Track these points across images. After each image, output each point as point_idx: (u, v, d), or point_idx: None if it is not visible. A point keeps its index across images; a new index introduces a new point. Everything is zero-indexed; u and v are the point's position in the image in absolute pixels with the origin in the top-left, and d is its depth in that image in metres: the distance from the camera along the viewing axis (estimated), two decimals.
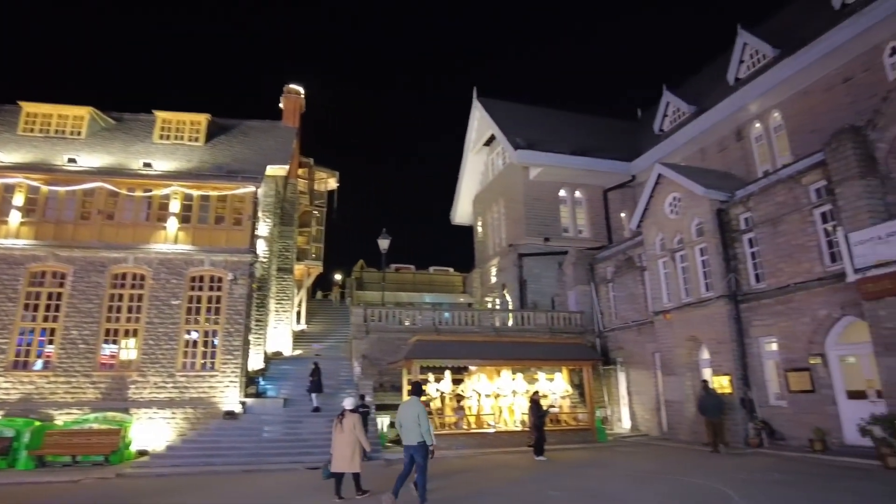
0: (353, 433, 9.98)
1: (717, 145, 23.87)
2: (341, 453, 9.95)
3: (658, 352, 19.68)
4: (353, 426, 10.04)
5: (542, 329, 22.29)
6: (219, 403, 17.64)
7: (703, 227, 17.75)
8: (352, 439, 9.96)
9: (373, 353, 20.58)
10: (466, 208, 35.43)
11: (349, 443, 9.93)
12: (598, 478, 11.91)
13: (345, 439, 9.96)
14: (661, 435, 19.30)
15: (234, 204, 19.92)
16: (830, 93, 18.99)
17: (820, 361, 14.20)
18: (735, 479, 10.88)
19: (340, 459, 9.95)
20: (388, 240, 23.65)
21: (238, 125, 24.99)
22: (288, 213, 25.74)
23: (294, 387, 19.76)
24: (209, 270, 18.94)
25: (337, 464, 9.97)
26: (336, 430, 10.14)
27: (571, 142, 28.32)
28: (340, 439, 10.00)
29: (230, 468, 14.48)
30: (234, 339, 18.34)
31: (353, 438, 9.97)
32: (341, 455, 9.95)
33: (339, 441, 10.00)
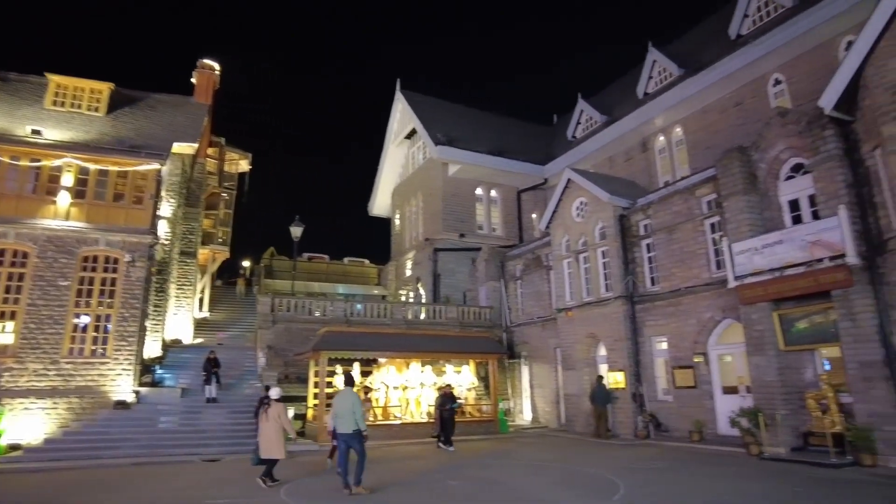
0: (278, 421, 10.44)
1: (624, 155, 25.31)
2: (268, 440, 10.37)
3: (559, 347, 20.65)
4: (278, 414, 10.50)
5: (453, 323, 22.72)
6: (109, 392, 16.53)
7: (605, 231, 18.79)
8: (277, 426, 10.42)
9: (279, 344, 20.09)
10: (385, 200, 35.28)
11: (275, 430, 10.39)
12: (497, 467, 12.38)
13: (271, 427, 10.40)
14: (560, 427, 20.31)
15: (135, 181, 18.66)
16: (724, 114, 20.70)
17: (702, 360, 15.54)
18: (621, 466, 11.74)
19: (267, 446, 10.36)
20: (302, 227, 23.12)
21: (145, 98, 23.38)
22: (194, 193, 24.48)
23: (194, 376, 18.90)
24: (104, 251, 17.66)
25: (265, 450, 10.40)
26: (262, 418, 10.56)
27: (490, 142, 28.98)
28: (266, 427, 10.42)
29: (119, 461, 13.69)
30: (130, 325, 17.24)
31: (278, 426, 10.43)
32: (268, 442, 10.36)
33: (266, 429, 10.43)
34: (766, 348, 13.26)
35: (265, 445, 10.39)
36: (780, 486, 9.47)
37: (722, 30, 21.66)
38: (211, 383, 17.60)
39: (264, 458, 10.46)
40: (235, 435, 16.02)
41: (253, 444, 14.91)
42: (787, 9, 18.85)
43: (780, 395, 12.82)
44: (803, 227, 12.81)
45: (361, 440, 9.61)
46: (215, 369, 17.78)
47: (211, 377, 17.61)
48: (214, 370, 17.73)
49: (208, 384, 17.60)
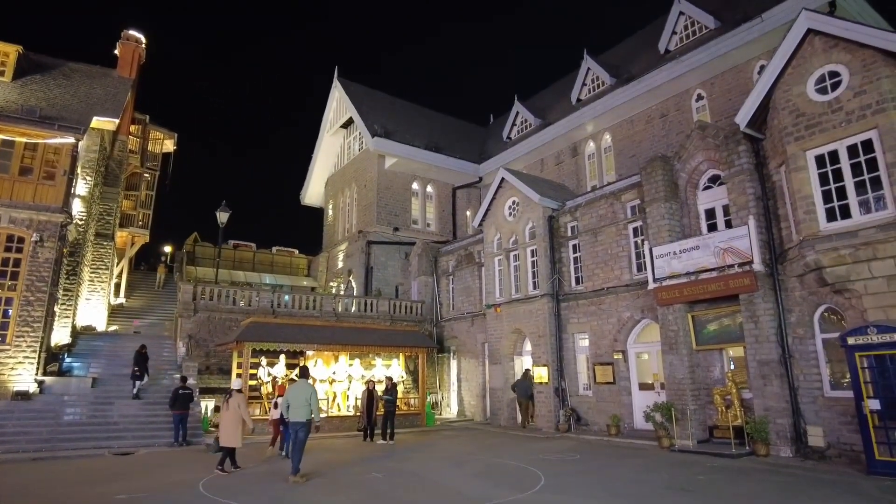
0: (237, 411, 10.92)
1: (555, 158, 26.11)
2: (227, 429, 10.80)
3: (487, 342, 21.08)
4: (238, 405, 10.95)
5: (384, 316, 22.68)
6: (8, 382, 15.31)
7: (535, 230, 19.34)
8: (237, 417, 10.89)
9: (200, 334, 19.34)
10: (318, 190, 34.62)
11: (234, 420, 10.84)
12: (420, 460, 12.52)
13: (231, 416, 10.86)
14: (485, 420, 20.76)
15: (46, 155, 17.33)
16: (650, 124, 21.80)
17: (621, 357, 16.34)
18: (542, 459, 12.18)
19: (226, 435, 10.80)
20: (228, 213, 22.28)
21: (59, 65, 21.74)
22: (113, 172, 23.07)
23: (107, 365, 17.85)
24: (7, 228, 16.28)
25: (224, 439, 10.82)
26: (223, 408, 11.10)
27: (427, 137, 29.08)
28: (227, 417, 10.89)
29: (15, 456, 12.72)
30: (35, 310, 16.02)
31: (238, 416, 10.90)
32: (226, 431, 10.80)
33: (226, 418, 10.89)
34: (679, 347, 14.13)
35: (224, 434, 10.82)
36: (684, 475, 10.17)
37: (652, 43, 22.78)
38: (143, 378, 16.62)
39: (223, 446, 10.88)
40: (150, 427, 15.34)
41: (169, 437, 14.51)
42: (710, 30, 20.09)
43: (690, 392, 13.71)
44: (717, 234, 13.73)
45: (309, 430, 10.08)
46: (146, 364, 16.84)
47: (143, 373, 16.64)
48: (145, 365, 16.79)
49: (139, 379, 16.55)
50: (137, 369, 16.60)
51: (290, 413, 10.04)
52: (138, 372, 16.59)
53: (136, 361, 16.69)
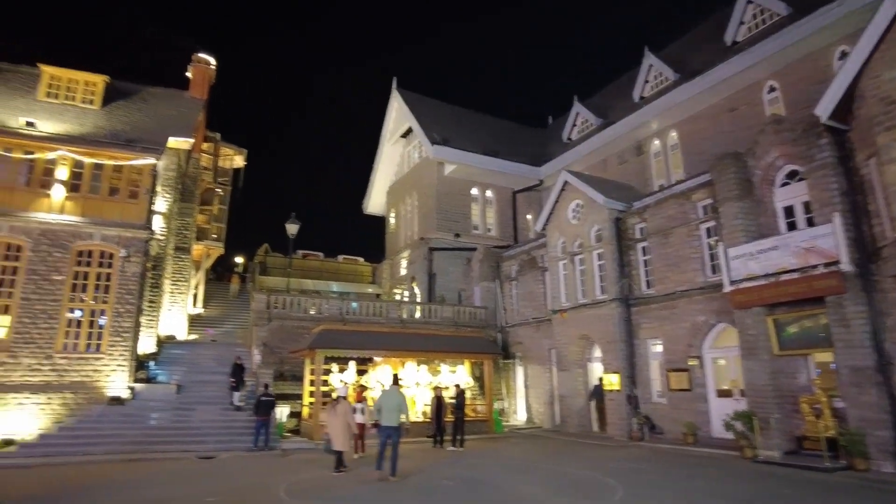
0: (345, 417, 11.53)
1: (618, 157, 25.50)
2: (336, 433, 11.45)
3: (554, 348, 20.79)
4: (345, 411, 11.61)
5: (448, 322, 22.78)
6: (104, 388, 16.43)
7: (601, 233, 18.94)
8: (344, 422, 11.50)
9: (273, 341, 20.03)
10: (380, 199, 35.25)
11: (342, 425, 11.47)
12: (490, 467, 12.45)
13: (339, 422, 11.47)
14: (553, 427, 20.46)
15: (130, 175, 18.54)
16: (719, 119, 20.93)
17: (697, 363, 15.72)
18: (613, 467, 11.87)
19: (337, 438, 11.44)
20: (298, 225, 23.05)
21: (139, 91, 23.19)
22: (189, 189, 24.35)
23: (187, 372, 18.83)
24: (99, 245, 17.53)
25: (336, 442, 11.48)
26: (331, 414, 11.72)
27: (485, 142, 29.07)
28: (335, 422, 11.50)
29: (111, 457, 13.60)
30: (125, 321, 17.13)
31: (345, 421, 11.52)
32: (336, 435, 11.44)
33: (334, 424, 11.51)
34: (759, 352, 13.45)
35: (334, 438, 11.52)
36: (771, 488, 9.66)
37: (717, 35, 21.89)
38: (239, 390, 17.22)
39: (335, 448, 11.55)
40: (229, 432, 16.00)
41: (246, 441, 15.08)
42: (782, 17, 19.10)
43: (773, 399, 13.01)
44: (798, 233, 13.00)
45: (400, 434, 10.85)
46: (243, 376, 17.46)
47: (239, 383, 17.24)
48: (242, 377, 17.41)
49: (236, 391, 17.19)
50: (234, 380, 17.24)
51: (382, 418, 10.77)
52: (234, 383, 17.23)
53: (234, 373, 17.38)
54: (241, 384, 17.34)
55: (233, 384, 17.23)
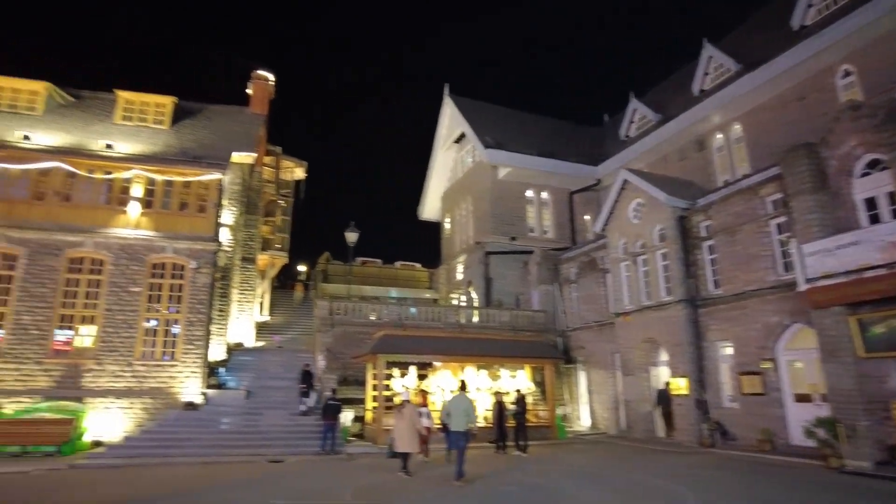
0: (411, 420, 11.89)
1: (678, 153, 24.67)
2: (402, 437, 11.76)
3: (617, 352, 20.26)
4: (411, 415, 11.98)
5: (506, 327, 22.62)
6: (178, 394, 17.27)
7: (664, 233, 18.34)
8: (410, 425, 11.84)
9: (336, 347, 20.46)
10: (435, 204, 35.52)
11: (408, 428, 11.79)
12: (555, 474, 12.23)
13: (405, 425, 11.80)
14: (619, 433, 19.92)
15: (198, 190, 19.47)
16: (786, 109, 19.89)
17: (771, 366, 14.92)
18: (685, 475, 11.42)
19: (402, 441, 11.75)
20: (357, 233, 23.51)
21: (203, 109, 24.34)
22: (253, 201, 25.29)
23: (255, 378, 19.52)
24: (171, 258, 18.48)
25: (400, 445, 11.79)
26: (397, 418, 12.09)
27: (539, 144, 28.78)
28: (401, 425, 11.84)
29: (188, 460, 14.22)
30: (196, 329, 17.97)
31: (411, 424, 11.86)
32: (402, 438, 11.75)
33: (400, 427, 11.85)
34: (841, 355, 12.63)
35: (401, 441, 11.79)
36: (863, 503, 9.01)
37: (781, 21, 20.84)
38: (308, 395, 17.65)
39: (398, 451, 11.86)
40: (296, 436, 16.41)
41: (313, 446, 15.43)
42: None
43: (860, 405, 12.15)
44: (883, 226, 12.13)
45: (468, 439, 11.11)
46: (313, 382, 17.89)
47: (309, 389, 17.70)
48: (312, 383, 17.85)
49: (305, 396, 17.65)
50: (304, 386, 17.70)
51: (450, 422, 11.12)
52: (304, 388, 17.68)
53: (303, 378, 17.86)
54: (311, 390, 17.77)
55: (303, 389, 17.69)
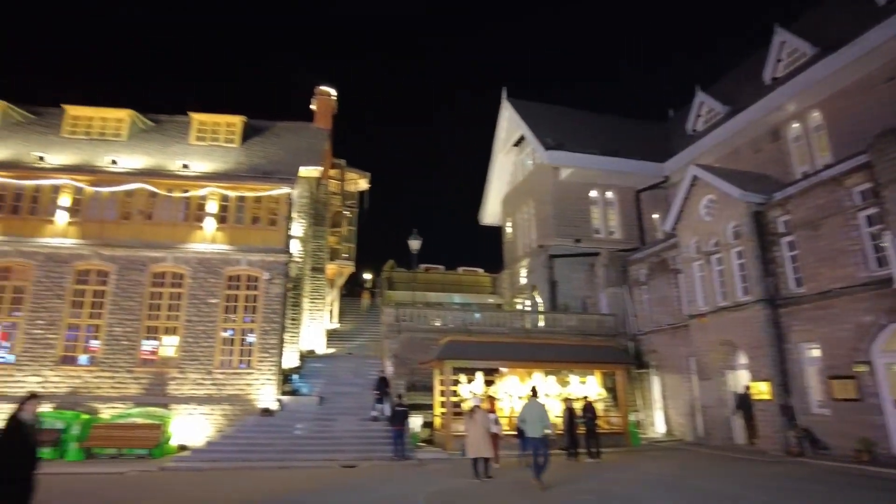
0: (483, 426, 12.03)
1: (751, 146, 23.46)
2: (474, 442, 11.91)
3: (693, 356, 19.44)
4: (483, 420, 12.12)
5: (574, 331, 22.19)
6: (255, 400, 18.00)
7: (739, 229, 17.48)
8: (482, 430, 11.98)
9: (404, 353, 20.71)
10: (495, 209, 35.40)
11: (481, 433, 11.93)
12: (631, 482, 11.83)
13: (477, 430, 11.96)
14: (696, 440, 19.07)
15: (269, 204, 20.29)
16: (872, 92, 18.51)
17: (866, 369, 13.85)
18: (773, 487, 10.75)
19: (474, 446, 11.90)
20: (420, 240, 23.79)
21: (271, 126, 25.35)
22: (320, 213, 26.06)
23: (326, 384, 20.04)
24: (246, 270, 19.33)
25: (471, 450, 11.96)
26: (469, 423, 12.27)
27: (601, 143, 28.13)
28: (473, 430, 11.99)
29: (265, 464, 14.75)
30: (271, 338, 18.70)
31: (483, 430, 12.00)
32: (474, 443, 11.90)
33: (473, 432, 12.00)
34: None
35: (472, 446, 11.93)
36: None
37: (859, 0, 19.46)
38: (383, 402, 17.80)
39: (472, 456, 12.03)
40: (367, 441, 16.70)
41: (384, 451, 15.65)
42: None
43: None
44: None
45: (547, 444, 11.26)
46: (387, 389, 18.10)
47: (383, 397, 17.86)
48: (387, 389, 18.07)
49: (380, 402, 17.81)
50: (379, 392, 17.93)
51: (527, 429, 11.35)
52: (379, 395, 17.88)
53: (378, 385, 18.11)
54: (386, 396, 17.97)
55: (378, 396, 17.93)
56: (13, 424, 6.39)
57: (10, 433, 6.34)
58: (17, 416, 6.46)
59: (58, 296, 18.29)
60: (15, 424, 6.40)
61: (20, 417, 6.47)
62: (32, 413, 6.62)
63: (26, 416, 6.52)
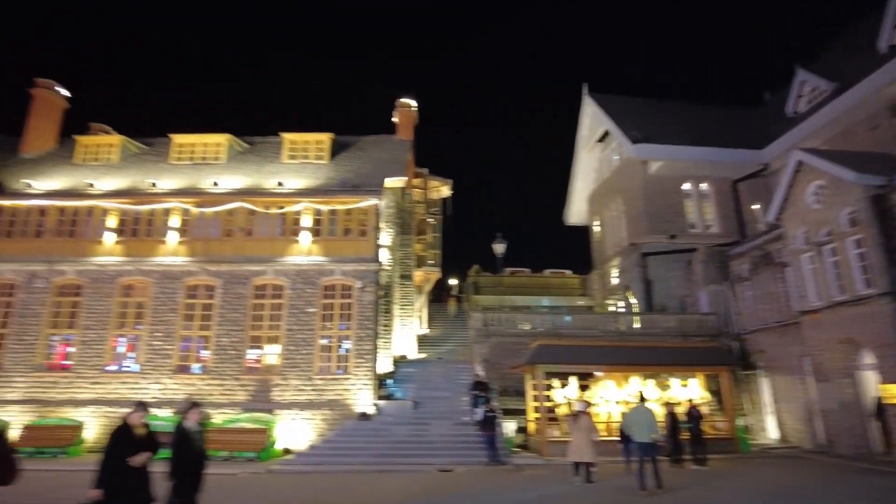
0: (587, 430, 12.16)
1: (866, 123, 21.34)
2: (577, 446, 12.03)
3: (807, 355, 17.92)
4: (588, 425, 12.24)
5: (672, 332, 21.12)
6: (352, 405, 18.59)
7: (856, 216, 15.95)
8: (586, 435, 12.07)
9: (493, 358, 20.61)
10: (581, 207, 34.57)
11: (584, 438, 12.02)
12: (743, 493, 11.05)
13: (581, 435, 12.07)
14: (816, 447, 17.52)
15: (358, 216, 20.97)
16: None
17: None
18: None
19: (577, 451, 12.05)
20: (504, 244, 23.68)
21: (356, 141, 26.18)
22: (406, 222, 26.59)
23: (419, 389, 20.32)
24: (340, 279, 20.09)
25: (574, 454, 12.12)
26: (572, 427, 12.43)
27: (692, 133, 26.71)
28: (577, 435, 12.14)
29: (365, 468, 15.10)
30: (365, 344, 19.28)
31: (587, 435, 12.08)
32: (577, 447, 12.03)
33: (576, 436, 12.16)
34: None
35: (576, 451, 12.07)
36: None
37: None
38: (479, 406, 17.32)
39: (574, 461, 12.17)
40: (463, 446, 16.69)
41: (479, 456, 15.60)
42: None
43: None
44: None
45: (656, 449, 11.08)
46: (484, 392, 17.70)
47: (479, 400, 17.41)
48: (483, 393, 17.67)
49: (476, 406, 17.39)
50: (475, 394, 17.68)
51: (634, 434, 11.22)
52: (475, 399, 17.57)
53: (475, 387, 18.03)
54: (484, 400, 17.73)
55: (475, 399, 17.78)
56: (181, 432, 7.02)
57: (179, 440, 6.96)
58: (183, 425, 7.10)
59: (172, 310, 19.87)
60: (182, 432, 7.02)
61: (185, 426, 7.10)
62: (195, 420, 7.23)
63: (190, 424, 7.14)
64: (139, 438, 6.34)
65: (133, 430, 6.31)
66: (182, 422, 7.15)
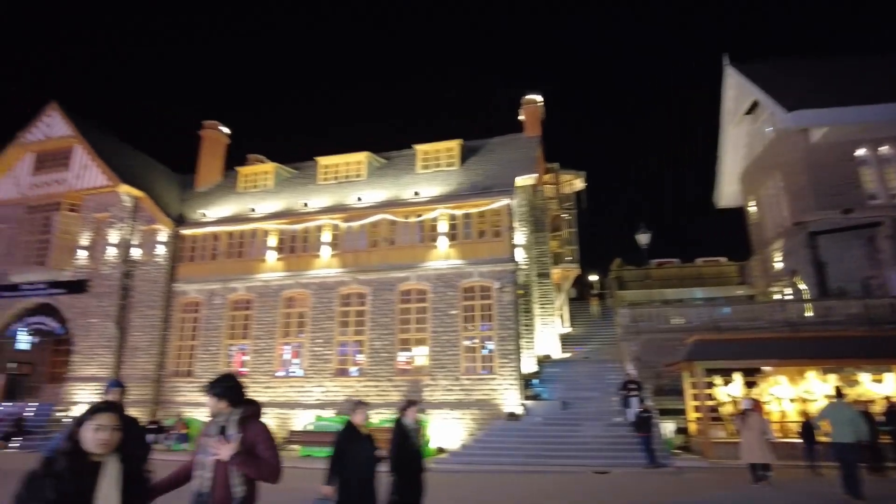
0: (759, 429, 11.72)
1: None
2: (749, 446, 11.65)
3: None
4: (759, 424, 11.82)
5: (856, 320, 18.42)
6: (500, 405, 18.68)
7: None
8: (758, 434, 11.64)
9: (645, 356, 19.54)
10: (732, 188, 31.59)
11: (754, 438, 11.60)
12: None
13: (750, 435, 11.65)
14: None
15: (492, 217, 21.11)
16: None
17: None
18: None
19: (749, 451, 11.67)
20: (648, 234, 22.40)
21: (484, 144, 26.41)
22: (539, 219, 26.25)
23: (566, 389, 19.87)
24: (478, 281, 20.36)
25: (746, 455, 11.73)
26: (742, 427, 11.99)
27: (859, 91, 23.16)
28: (747, 435, 11.74)
29: (517, 468, 15.06)
30: (508, 344, 19.31)
31: (759, 433, 11.66)
32: (749, 447, 11.64)
33: (746, 437, 11.79)
34: None
35: (747, 451, 11.68)
36: None
37: None
38: (630, 406, 16.91)
39: (748, 462, 11.73)
40: (617, 448, 16.03)
41: (637, 458, 14.87)
42: None
43: None
44: None
45: (859, 451, 10.11)
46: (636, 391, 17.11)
47: (630, 400, 16.96)
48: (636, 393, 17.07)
49: (628, 407, 16.97)
50: (626, 393, 17.12)
51: (835, 434, 10.28)
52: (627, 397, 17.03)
53: (625, 386, 17.40)
54: (638, 400, 16.80)
55: (626, 399, 17.12)
56: (400, 429, 7.11)
57: (398, 437, 7.03)
58: (402, 421, 7.19)
59: (329, 318, 21.50)
60: (402, 428, 7.12)
61: (403, 422, 7.19)
62: (413, 418, 7.29)
63: (408, 422, 7.23)
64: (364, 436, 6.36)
65: (358, 429, 6.35)
66: (401, 418, 7.16)
